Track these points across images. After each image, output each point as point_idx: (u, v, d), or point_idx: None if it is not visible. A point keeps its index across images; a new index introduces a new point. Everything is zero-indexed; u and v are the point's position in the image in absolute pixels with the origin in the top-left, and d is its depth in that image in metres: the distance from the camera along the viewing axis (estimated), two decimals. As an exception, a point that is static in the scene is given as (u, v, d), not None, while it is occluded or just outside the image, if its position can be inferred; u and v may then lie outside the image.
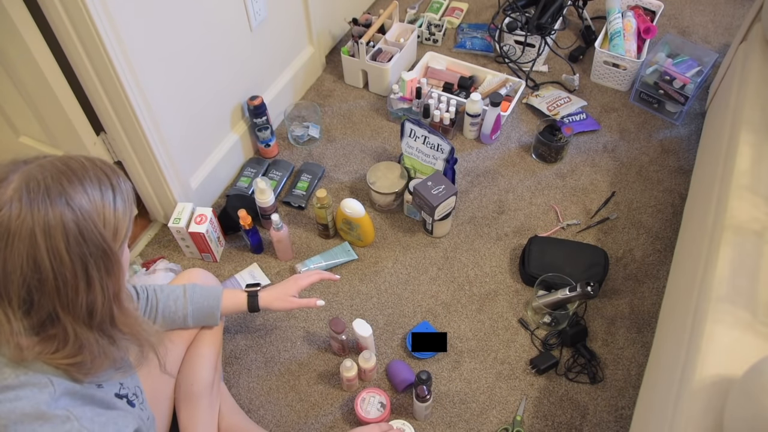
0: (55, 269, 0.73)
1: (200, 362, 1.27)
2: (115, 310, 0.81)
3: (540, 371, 1.48)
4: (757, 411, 0.83)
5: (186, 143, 1.65)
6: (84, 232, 0.74)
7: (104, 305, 0.79)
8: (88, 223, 0.74)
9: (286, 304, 1.35)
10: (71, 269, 0.74)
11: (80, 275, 0.74)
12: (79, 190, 0.74)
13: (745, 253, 1.19)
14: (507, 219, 1.80)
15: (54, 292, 0.74)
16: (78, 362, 0.79)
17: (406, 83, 1.98)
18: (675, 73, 1.92)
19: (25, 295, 0.73)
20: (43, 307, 0.74)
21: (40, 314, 0.75)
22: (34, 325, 0.75)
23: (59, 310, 0.75)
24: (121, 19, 1.28)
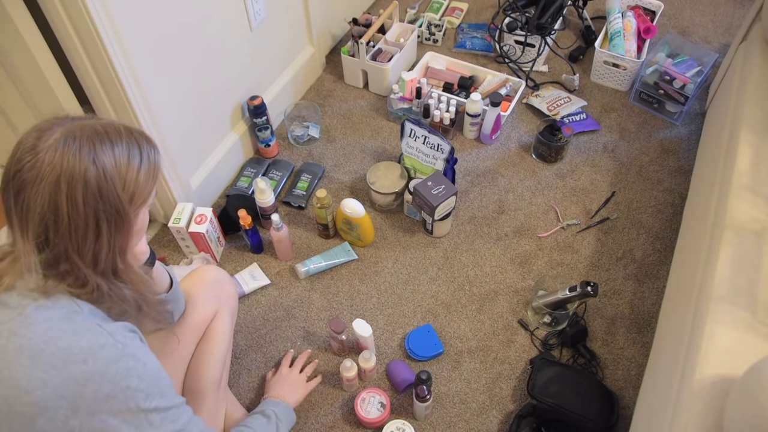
0: (70, 215, 0.81)
1: (209, 360, 1.28)
2: (119, 263, 0.89)
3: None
4: (757, 411, 0.83)
5: (186, 143, 1.65)
6: (102, 190, 0.83)
7: (108, 256, 0.87)
8: (108, 184, 0.83)
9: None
10: (84, 218, 0.82)
11: (91, 225, 0.83)
12: (108, 152, 0.84)
13: (745, 253, 1.19)
14: (507, 219, 1.80)
15: (66, 234, 0.82)
16: (95, 298, 0.88)
17: (406, 83, 1.98)
18: (675, 73, 1.92)
19: (42, 232, 0.82)
20: (56, 245, 0.83)
21: (53, 252, 0.83)
22: (48, 261, 0.83)
23: (69, 250, 0.83)
24: (121, 19, 1.28)
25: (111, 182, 0.83)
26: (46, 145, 0.81)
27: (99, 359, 0.82)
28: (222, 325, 1.31)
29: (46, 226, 0.81)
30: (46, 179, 0.80)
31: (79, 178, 0.81)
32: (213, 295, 1.32)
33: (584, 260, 1.70)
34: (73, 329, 0.83)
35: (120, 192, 0.85)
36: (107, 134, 0.85)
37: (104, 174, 0.83)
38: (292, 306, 1.64)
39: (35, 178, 0.80)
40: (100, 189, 0.82)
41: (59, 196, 0.80)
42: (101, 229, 0.84)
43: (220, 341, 1.30)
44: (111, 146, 0.84)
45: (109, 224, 0.85)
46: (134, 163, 0.87)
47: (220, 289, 1.35)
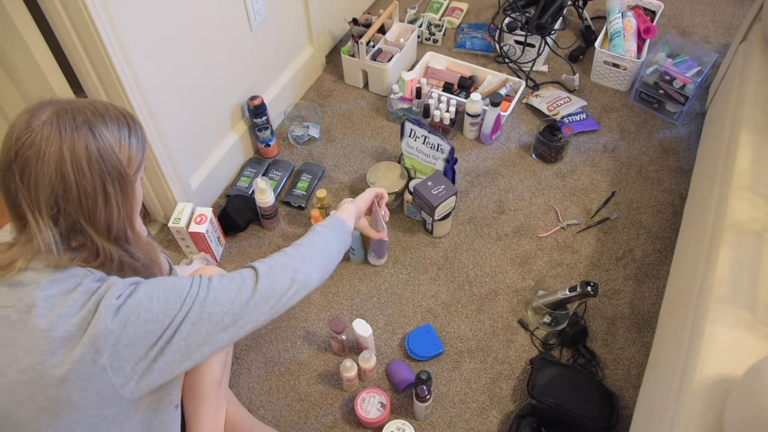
0: (78, 181, 0.86)
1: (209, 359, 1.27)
2: (128, 230, 0.94)
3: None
4: (757, 411, 0.83)
5: (186, 143, 1.65)
6: (103, 154, 0.88)
7: (119, 221, 0.92)
8: (107, 147, 0.88)
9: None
10: (91, 183, 0.87)
11: (99, 189, 0.88)
12: (101, 123, 0.89)
13: (745, 253, 1.19)
14: (507, 219, 1.80)
15: (77, 202, 0.87)
16: (108, 268, 0.92)
17: (406, 83, 1.98)
18: (675, 73, 1.92)
19: (53, 204, 0.85)
20: (68, 215, 0.87)
21: (67, 222, 0.87)
22: (62, 234, 0.88)
23: (82, 221, 0.88)
24: (121, 19, 1.29)
25: (110, 147, 0.89)
26: (40, 122, 0.85)
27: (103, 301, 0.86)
28: None
29: (56, 197, 0.85)
30: (49, 151, 0.84)
31: (81, 146, 0.86)
32: None
33: (584, 260, 1.70)
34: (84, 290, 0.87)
35: (118, 154, 0.90)
36: (96, 109, 0.90)
37: (102, 140, 0.88)
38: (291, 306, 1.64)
39: (38, 153, 0.84)
40: (101, 154, 0.87)
41: (65, 166, 0.84)
42: (108, 192, 0.89)
43: None
44: (102, 118, 0.90)
45: (114, 187, 0.89)
46: (125, 132, 0.92)
47: None
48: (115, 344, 0.85)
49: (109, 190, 0.89)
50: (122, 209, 0.92)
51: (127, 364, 0.87)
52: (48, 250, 0.86)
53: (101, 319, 0.85)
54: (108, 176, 0.88)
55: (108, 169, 0.88)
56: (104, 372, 0.85)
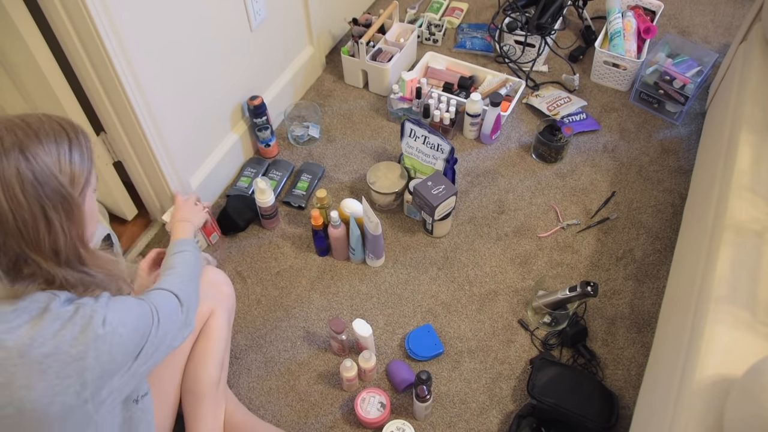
0: (14, 211, 0.79)
1: (206, 360, 1.28)
2: (81, 250, 0.87)
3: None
4: (757, 411, 0.83)
5: (186, 143, 1.65)
6: (39, 178, 0.80)
7: (67, 245, 0.85)
8: (43, 170, 0.81)
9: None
10: (29, 211, 0.80)
11: (39, 216, 0.81)
12: (35, 142, 0.81)
13: (745, 253, 1.19)
14: (507, 219, 1.80)
15: (17, 232, 0.80)
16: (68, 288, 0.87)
17: (406, 83, 1.98)
18: (675, 73, 1.92)
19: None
20: (10, 248, 0.80)
21: (9, 255, 0.81)
22: (9, 268, 0.82)
23: (26, 249, 0.81)
24: (121, 20, 1.29)
25: (46, 168, 0.81)
26: None
27: (88, 332, 0.82)
28: (218, 324, 1.31)
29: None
30: None
31: (11, 173, 0.79)
32: (208, 295, 1.32)
33: (584, 260, 1.70)
34: (53, 316, 0.82)
35: (58, 176, 0.83)
36: (28, 125, 0.83)
37: (36, 162, 0.80)
38: (292, 306, 1.64)
39: None
40: (37, 177, 0.80)
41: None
42: (50, 217, 0.82)
43: (216, 341, 1.29)
44: (36, 135, 0.82)
45: (56, 211, 0.83)
46: (64, 147, 0.84)
47: (216, 289, 1.36)
48: (101, 376, 0.84)
49: (51, 216, 0.82)
50: (68, 232, 0.85)
51: (104, 391, 0.86)
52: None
53: (91, 353, 0.82)
54: (48, 201, 0.81)
55: (47, 194, 0.81)
56: (85, 403, 0.83)
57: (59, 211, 0.83)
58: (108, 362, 0.85)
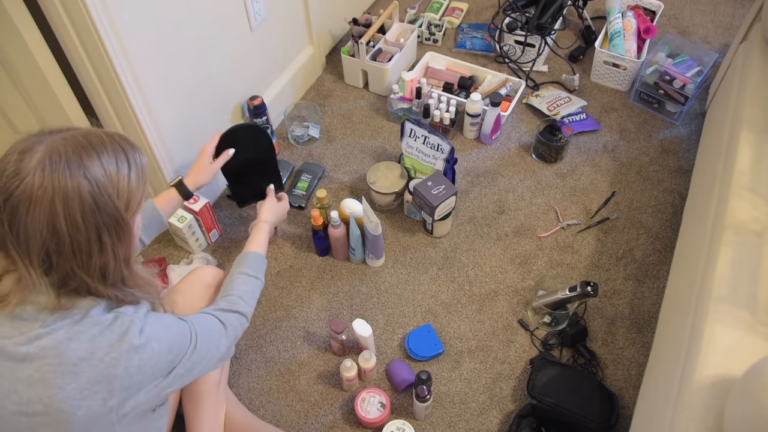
0: (71, 235, 0.80)
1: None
2: (125, 272, 0.89)
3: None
4: (757, 411, 0.83)
5: (186, 143, 1.65)
6: (98, 203, 0.81)
7: (116, 268, 0.87)
8: (102, 195, 0.82)
9: (209, 173, 1.45)
10: (86, 235, 0.81)
11: (93, 241, 0.82)
12: (96, 164, 0.82)
13: (745, 253, 1.19)
14: (507, 219, 1.80)
15: (71, 254, 0.81)
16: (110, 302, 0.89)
17: (406, 83, 1.98)
18: (675, 73, 1.92)
19: (44, 257, 0.80)
20: (61, 267, 0.82)
21: (59, 273, 0.82)
22: (55, 283, 0.83)
23: (76, 269, 0.83)
24: (121, 20, 1.28)
25: (105, 193, 0.82)
26: (31, 166, 0.78)
27: (124, 341, 0.85)
28: None
29: (48, 250, 0.80)
30: (40, 203, 0.77)
31: (75, 196, 0.79)
32: (208, 296, 1.32)
33: (584, 260, 1.70)
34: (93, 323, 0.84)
35: (116, 201, 0.83)
36: (91, 144, 0.83)
37: (97, 186, 0.81)
38: (292, 306, 1.64)
39: (28, 203, 0.77)
40: (97, 202, 0.81)
41: (57, 219, 0.78)
42: (104, 242, 0.83)
43: None
44: (98, 156, 0.82)
45: (110, 236, 0.84)
46: (123, 170, 0.85)
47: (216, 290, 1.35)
48: (129, 387, 0.86)
49: (104, 240, 0.83)
50: (118, 255, 0.86)
51: (129, 403, 0.87)
52: (43, 295, 0.82)
53: (122, 362, 0.84)
54: (104, 226, 0.82)
55: (104, 219, 0.82)
56: (110, 412, 0.85)
57: (113, 236, 0.84)
58: (137, 374, 0.86)
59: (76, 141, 0.82)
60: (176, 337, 0.95)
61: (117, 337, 0.84)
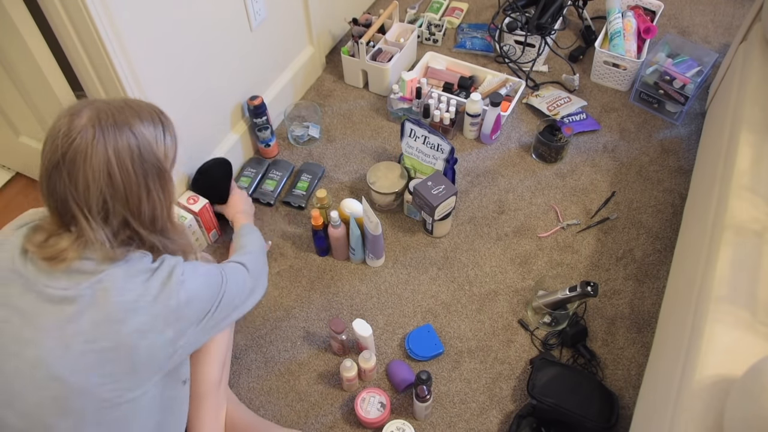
0: (124, 180, 0.91)
1: (207, 361, 1.28)
2: (168, 221, 1.02)
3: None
4: (757, 411, 0.83)
5: (186, 143, 1.65)
6: (143, 153, 0.93)
7: (162, 213, 0.99)
8: (146, 146, 0.94)
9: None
10: (135, 181, 0.93)
11: (142, 186, 0.94)
12: (138, 122, 0.94)
13: (745, 253, 1.19)
14: (507, 219, 1.80)
15: (124, 199, 0.92)
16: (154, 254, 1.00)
17: (406, 83, 1.98)
18: (675, 73, 1.92)
19: (102, 203, 0.91)
20: (117, 213, 0.92)
21: (116, 219, 0.93)
22: (113, 232, 0.93)
23: (129, 216, 0.94)
24: (121, 20, 1.28)
25: (149, 145, 0.94)
26: (82, 124, 0.89)
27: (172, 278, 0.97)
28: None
29: (104, 196, 0.90)
30: (95, 153, 0.88)
31: (123, 147, 0.90)
32: None
33: (584, 260, 1.71)
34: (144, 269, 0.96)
35: (156, 151, 0.95)
36: (131, 107, 0.95)
37: (141, 139, 0.93)
38: (292, 306, 1.64)
39: (85, 155, 0.88)
40: (142, 152, 0.93)
41: (111, 167, 0.89)
42: (150, 188, 0.95)
43: (217, 341, 1.30)
44: (138, 117, 0.94)
45: (154, 182, 0.95)
46: (159, 129, 0.97)
47: None
48: (180, 319, 0.97)
49: (151, 186, 0.95)
50: (164, 202, 0.98)
51: (183, 338, 0.98)
52: (102, 246, 0.91)
53: (174, 295, 0.95)
54: (149, 173, 0.94)
55: (148, 167, 0.94)
56: (167, 344, 0.96)
57: (156, 183, 0.96)
58: (186, 307, 0.97)
59: (119, 105, 0.94)
60: (210, 275, 1.06)
61: (166, 276, 0.96)
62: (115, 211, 0.92)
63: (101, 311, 0.90)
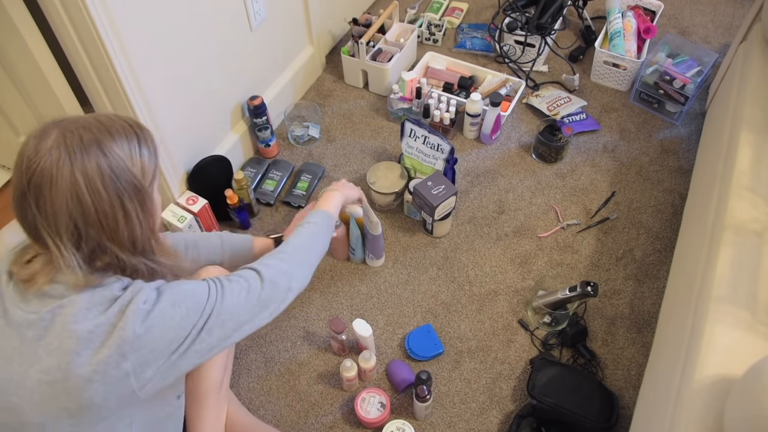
0: (95, 203, 0.84)
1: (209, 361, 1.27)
2: (153, 241, 0.94)
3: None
4: (757, 411, 0.83)
5: (186, 143, 1.65)
6: (116, 171, 0.86)
7: (143, 234, 0.91)
8: (119, 164, 0.87)
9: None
10: (109, 202, 0.86)
11: (117, 207, 0.87)
12: (109, 139, 0.87)
13: (745, 253, 1.19)
14: (507, 219, 1.80)
15: (97, 223, 0.86)
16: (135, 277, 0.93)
17: (406, 83, 1.98)
18: (675, 73, 1.92)
19: (73, 228, 0.84)
20: (90, 238, 0.86)
21: (89, 245, 0.86)
22: (86, 258, 0.87)
23: (105, 240, 0.87)
24: (121, 20, 1.29)
25: (122, 162, 0.87)
26: (48, 146, 0.83)
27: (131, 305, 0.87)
28: None
29: (75, 222, 0.84)
30: (61, 177, 0.82)
31: (93, 167, 0.84)
32: None
33: (584, 260, 1.71)
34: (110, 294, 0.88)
35: (132, 168, 0.88)
36: (102, 123, 0.88)
37: (112, 157, 0.86)
38: (292, 306, 1.64)
39: (51, 180, 0.82)
40: (114, 171, 0.86)
41: (79, 190, 0.83)
42: (127, 208, 0.88)
43: None
44: (109, 133, 0.87)
45: (132, 201, 0.88)
46: (134, 143, 0.90)
47: None
48: (140, 348, 0.87)
49: (128, 207, 0.88)
50: (143, 222, 0.91)
51: (149, 369, 0.89)
52: (72, 271, 0.86)
53: (129, 324, 0.86)
54: (125, 192, 0.87)
55: (123, 186, 0.87)
56: (127, 377, 0.87)
57: (134, 202, 0.89)
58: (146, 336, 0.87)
59: (87, 121, 0.88)
60: (190, 295, 0.94)
61: (126, 303, 0.88)
62: (88, 236, 0.86)
63: (56, 339, 0.85)
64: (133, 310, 0.87)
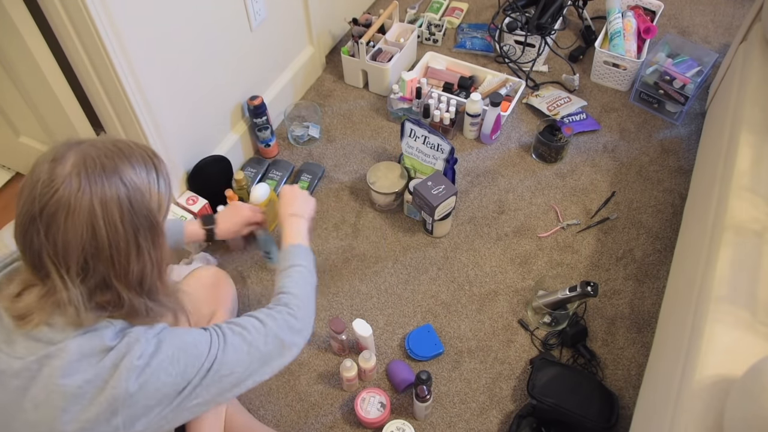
0: (110, 238, 0.79)
1: None
2: (158, 281, 0.89)
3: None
4: (757, 411, 0.83)
5: (186, 143, 1.65)
6: (134, 205, 0.81)
7: (152, 274, 0.86)
8: (137, 197, 0.81)
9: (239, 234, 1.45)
10: (125, 238, 0.80)
11: (132, 244, 0.82)
12: (129, 168, 0.82)
13: (745, 253, 1.19)
14: (507, 219, 1.80)
15: (108, 259, 0.80)
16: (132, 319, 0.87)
17: (406, 83, 1.98)
18: (675, 73, 1.92)
19: (83, 262, 0.79)
20: (98, 273, 0.80)
21: (95, 279, 0.81)
22: (89, 291, 0.81)
23: (112, 278, 0.82)
24: (121, 20, 1.28)
25: (140, 195, 0.82)
26: (66, 173, 0.77)
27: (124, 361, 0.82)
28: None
29: (86, 255, 0.79)
30: (79, 208, 0.77)
31: (113, 199, 0.79)
32: (210, 298, 1.31)
33: (584, 260, 1.71)
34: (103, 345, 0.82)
35: (149, 202, 0.83)
36: (121, 150, 0.83)
37: (133, 189, 0.81)
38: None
39: (67, 209, 0.76)
40: (132, 204, 0.81)
41: (96, 223, 0.78)
42: (141, 245, 0.83)
43: None
44: (129, 162, 0.82)
45: (146, 238, 0.83)
46: (152, 175, 0.85)
47: (216, 291, 1.35)
48: (132, 405, 0.82)
49: (141, 243, 0.83)
50: (154, 260, 0.86)
51: (139, 422, 0.84)
52: (72, 307, 0.80)
53: (122, 381, 0.81)
54: (140, 228, 0.82)
55: (140, 221, 0.82)
56: (116, 430, 0.82)
57: (148, 239, 0.84)
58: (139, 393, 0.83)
59: (107, 147, 0.82)
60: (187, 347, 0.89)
61: (119, 357, 0.82)
62: (96, 272, 0.80)
63: (43, 391, 0.79)
64: (127, 367, 0.81)
